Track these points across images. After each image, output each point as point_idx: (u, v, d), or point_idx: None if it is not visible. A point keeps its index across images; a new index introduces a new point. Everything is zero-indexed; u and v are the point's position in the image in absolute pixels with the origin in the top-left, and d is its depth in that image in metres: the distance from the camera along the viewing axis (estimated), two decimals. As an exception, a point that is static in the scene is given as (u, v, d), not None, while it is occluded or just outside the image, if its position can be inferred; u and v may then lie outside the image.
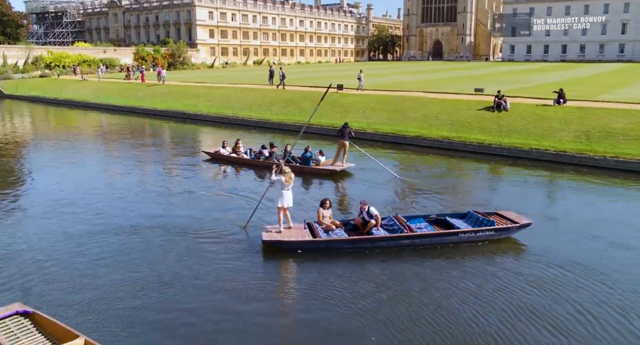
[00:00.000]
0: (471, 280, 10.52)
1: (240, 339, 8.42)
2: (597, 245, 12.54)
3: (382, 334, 8.48)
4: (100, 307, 9.31)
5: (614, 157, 21.10)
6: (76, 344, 7.56)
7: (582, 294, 9.89)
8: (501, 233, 12.93)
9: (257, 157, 21.68)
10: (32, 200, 16.45)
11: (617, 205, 16.60)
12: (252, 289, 10.11)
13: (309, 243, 12.14)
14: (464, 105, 29.11)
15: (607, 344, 8.22)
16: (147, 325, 8.82)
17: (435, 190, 17.91)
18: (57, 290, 9.98)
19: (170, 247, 12.23)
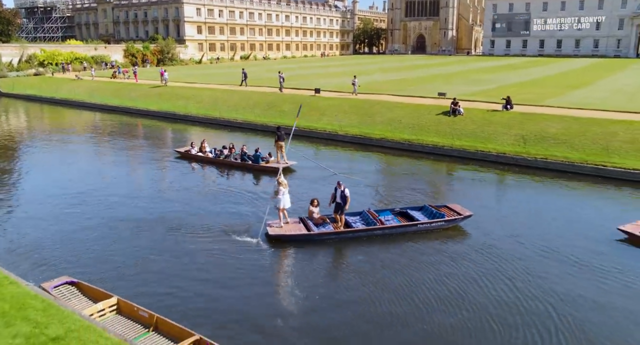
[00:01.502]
0: (428, 258, 14.47)
1: (252, 299, 12.08)
2: (522, 229, 16.57)
3: (360, 296, 12.35)
4: (125, 274, 12.91)
5: (543, 158, 24.92)
6: (110, 301, 11.17)
7: (508, 265, 13.93)
8: (450, 223, 16.75)
9: (218, 156, 25.82)
10: (48, 194, 19.91)
11: (542, 197, 20.48)
12: (264, 269, 13.97)
13: (305, 236, 15.72)
14: (425, 110, 32.75)
15: (519, 296, 12.14)
16: (169, 287, 12.41)
17: (376, 185, 21.65)
18: (90, 265, 13.54)
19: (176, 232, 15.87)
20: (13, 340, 8.75)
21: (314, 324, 11.22)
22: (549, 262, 14.10)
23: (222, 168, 25.01)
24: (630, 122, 26.74)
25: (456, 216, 16.89)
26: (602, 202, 20.00)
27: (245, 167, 24.67)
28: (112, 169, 25.58)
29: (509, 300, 12.02)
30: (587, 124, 27.26)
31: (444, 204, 18.02)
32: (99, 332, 9.29)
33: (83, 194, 20.40)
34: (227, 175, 24.07)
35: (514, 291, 12.43)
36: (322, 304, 12.04)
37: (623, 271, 13.54)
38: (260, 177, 23.55)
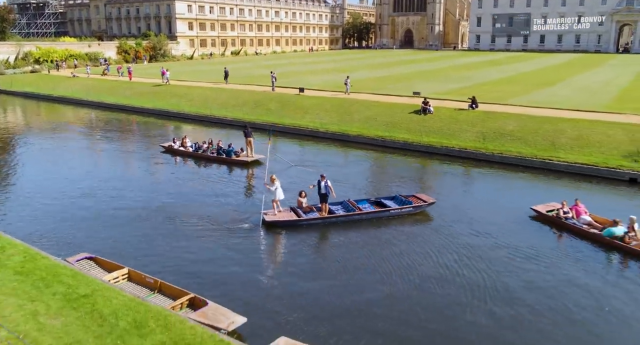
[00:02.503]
0: (401, 240, 17.48)
1: (249, 271, 15.04)
2: (472, 213, 19.73)
3: (337, 266, 15.39)
4: (132, 251, 15.83)
5: (500, 153, 27.97)
6: (123, 271, 14.10)
7: (454, 241, 17.10)
8: (417, 209, 19.84)
9: (197, 150, 29.13)
10: (54, 186, 22.74)
11: (493, 187, 23.71)
12: (267, 246, 16.95)
13: (296, 221, 18.64)
14: (399, 109, 35.73)
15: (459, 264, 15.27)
16: (176, 259, 15.33)
17: (341, 178, 24.63)
18: (102, 244, 16.44)
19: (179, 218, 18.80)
20: (53, 296, 11.66)
21: (295, 286, 14.21)
22: (485, 238, 17.24)
23: (200, 161, 28.37)
24: (577, 121, 29.89)
25: (422, 203, 19.99)
26: (541, 191, 23.02)
27: (220, 160, 28.03)
28: (106, 162, 28.98)
29: (451, 267, 15.11)
30: (540, 122, 30.36)
31: (412, 194, 21.08)
32: (117, 291, 12.24)
33: (84, 185, 23.38)
34: (206, 167, 27.34)
35: (456, 261, 15.52)
36: (305, 271, 15.16)
37: (527, 240, 16.95)
38: (233, 168, 26.95)
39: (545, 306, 13.02)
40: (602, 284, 14.33)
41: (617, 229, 16.32)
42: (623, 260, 15.91)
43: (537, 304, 13.11)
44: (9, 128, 40.60)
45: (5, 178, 25.62)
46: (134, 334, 10.24)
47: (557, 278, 14.60)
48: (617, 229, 16.34)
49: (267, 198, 19.27)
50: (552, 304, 13.12)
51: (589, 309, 12.97)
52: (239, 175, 25.88)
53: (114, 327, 10.46)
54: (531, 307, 12.96)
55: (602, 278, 14.73)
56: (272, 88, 45.64)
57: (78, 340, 9.84)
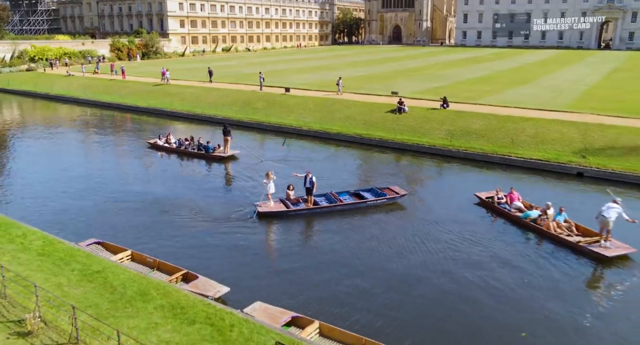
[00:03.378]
0: (374, 226, 20.34)
1: (241, 255, 17.75)
2: (435, 203, 22.74)
3: (320, 248, 18.24)
4: (135, 236, 18.49)
5: (464, 150, 30.79)
6: (127, 253, 16.79)
7: (418, 226, 20.04)
8: (390, 200, 22.62)
9: (180, 146, 32.07)
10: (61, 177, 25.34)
11: (455, 179, 26.60)
12: (256, 233, 19.69)
13: (285, 212, 21.31)
14: (377, 108, 38.46)
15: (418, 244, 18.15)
16: (176, 240, 18.00)
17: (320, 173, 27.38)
18: (107, 230, 19.10)
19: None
20: (72, 272, 14.32)
21: (279, 264, 17.14)
22: (437, 222, 20.14)
23: (182, 156, 31.39)
24: (537, 120, 32.74)
25: (395, 195, 22.80)
26: (495, 183, 25.64)
27: (199, 156, 30.98)
28: (100, 156, 32.49)
29: (411, 247, 18.03)
30: (504, 121, 33.20)
31: (387, 186, 23.88)
32: (123, 268, 14.93)
33: (81, 177, 26.39)
34: (189, 162, 30.42)
35: (417, 242, 18.40)
36: (290, 253, 18.00)
37: (468, 222, 20.04)
38: (212, 163, 29.90)
39: (474, 275, 15.88)
40: (518, 256, 17.47)
41: (533, 212, 19.57)
42: (537, 239, 19.02)
43: (466, 274, 15.98)
44: (10, 125, 42.98)
45: (12, 172, 28.14)
46: (139, 300, 12.94)
47: (484, 253, 17.67)
48: (532, 212, 19.59)
49: (258, 191, 22.13)
50: (480, 274, 15.99)
51: (507, 278, 15.84)
52: (223, 170, 28.96)
53: (123, 294, 13.16)
54: (461, 276, 15.85)
55: (519, 252, 17.91)
56: (260, 87, 48.07)
57: (96, 303, 12.53)
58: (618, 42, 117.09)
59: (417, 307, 14.42)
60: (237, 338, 11.22)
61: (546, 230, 18.67)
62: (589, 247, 17.36)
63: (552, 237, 18.55)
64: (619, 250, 17.00)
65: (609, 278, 16.58)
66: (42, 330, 11.01)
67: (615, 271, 16.71)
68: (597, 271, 16.83)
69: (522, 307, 14.30)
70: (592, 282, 16.46)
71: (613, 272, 16.68)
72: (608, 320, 13.81)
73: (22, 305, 12.02)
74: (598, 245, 17.24)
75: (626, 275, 16.45)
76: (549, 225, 18.60)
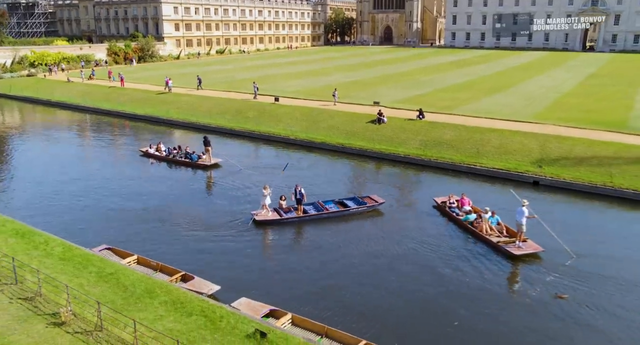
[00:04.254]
0: (357, 230, 23.66)
1: (239, 256, 20.84)
2: (408, 210, 25.86)
3: (309, 249, 21.49)
4: (140, 242, 21.54)
5: (435, 159, 33.94)
6: (133, 257, 19.88)
7: (391, 227, 23.21)
8: (370, 208, 25.78)
9: (169, 154, 35.52)
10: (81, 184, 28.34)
11: (425, 186, 29.80)
12: (249, 239, 22.71)
13: (279, 220, 24.35)
14: (359, 118, 41.54)
15: (386, 246, 21.26)
16: (179, 245, 21.07)
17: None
18: (115, 237, 22.13)
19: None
20: (90, 274, 17.38)
21: (269, 264, 20.30)
22: (406, 227, 23.42)
23: (171, 164, 34.79)
24: (502, 131, 35.90)
25: (374, 203, 25.98)
26: (460, 190, 28.73)
27: (186, 163, 34.27)
28: (97, 162, 35.94)
29: (379, 249, 21.27)
30: (472, 132, 36.35)
31: (367, 195, 27.02)
32: (131, 271, 18.01)
33: (82, 184, 29.65)
34: (179, 170, 33.83)
35: (385, 245, 21.67)
36: (281, 256, 21.27)
37: (426, 226, 22.94)
38: (197, 171, 33.40)
39: (418, 271, 19.15)
40: (454, 253, 21.13)
41: (471, 215, 23.11)
42: (473, 239, 22.44)
43: (413, 270, 19.24)
44: (16, 131, 45.91)
45: (18, 179, 31.12)
46: (146, 297, 16.02)
47: (430, 253, 21.17)
48: (471, 215, 23.12)
49: (242, 198, 25.33)
50: (421, 270, 19.31)
51: (446, 272, 19.06)
52: (208, 177, 32.35)
53: (133, 292, 16.23)
54: (411, 272, 19.08)
55: (455, 250, 21.49)
56: (255, 96, 50.96)
57: (112, 300, 15.60)
58: (601, 44, 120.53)
59: (376, 299, 17.60)
60: (225, 326, 14.33)
61: (479, 231, 22.14)
62: (505, 246, 20.90)
63: (482, 237, 22.00)
64: (528, 250, 20.59)
65: (515, 271, 20.03)
66: (73, 320, 14.10)
67: (523, 266, 20.18)
68: (508, 266, 20.24)
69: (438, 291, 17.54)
70: (501, 275, 19.71)
71: (521, 268, 20.12)
72: (504, 305, 17.08)
73: (54, 301, 15.11)
74: (513, 245, 20.79)
75: (530, 270, 19.88)
76: (482, 227, 21.95)
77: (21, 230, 21.03)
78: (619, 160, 30.30)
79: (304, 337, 14.42)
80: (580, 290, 18.03)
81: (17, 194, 28.73)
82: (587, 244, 21.74)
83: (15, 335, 13.48)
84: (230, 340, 13.73)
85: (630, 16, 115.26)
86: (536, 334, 15.57)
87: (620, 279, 18.79)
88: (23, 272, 16.56)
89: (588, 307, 16.98)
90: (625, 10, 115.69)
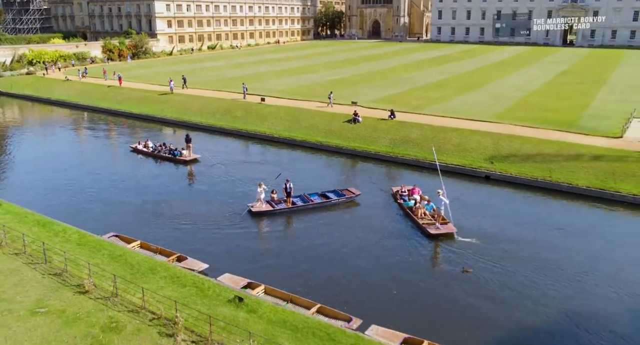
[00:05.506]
0: (338, 218, 27.97)
1: (238, 244, 25.04)
2: (378, 200, 30.05)
3: (297, 235, 25.97)
4: (143, 229, 25.65)
5: (402, 156, 38.16)
6: (137, 243, 24.04)
7: (360, 213, 27.68)
8: (349, 199, 30.11)
9: (154, 151, 39.96)
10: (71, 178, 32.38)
11: (391, 180, 34.05)
12: (249, 227, 26.89)
13: (272, 211, 28.55)
14: (337, 118, 45.64)
15: (356, 233, 25.41)
16: (179, 232, 25.20)
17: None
18: (120, 225, 26.21)
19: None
20: (103, 256, 21.52)
21: (258, 247, 24.45)
22: (369, 214, 27.66)
23: (157, 159, 39.37)
24: (462, 130, 40.13)
25: (352, 195, 30.31)
26: (421, 183, 32.95)
27: (170, 159, 38.85)
28: (96, 158, 40.52)
29: (351, 233, 25.50)
30: (436, 131, 40.57)
31: (346, 188, 31.31)
32: (135, 253, 22.19)
33: (81, 177, 33.53)
34: (166, 165, 38.25)
35: (352, 230, 25.88)
36: (275, 238, 25.80)
37: (385, 213, 27.13)
38: (179, 165, 38.05)
39: (365, 250, 23.44)
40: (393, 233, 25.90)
41: (410, 202, 27.65)
42: (411, 222, 27.04)
43: (365, 249, 23.51)
44: (21, 128, 49.83)
45: (27, 174, 35.12)
46: (149, 273, 20.18)
47: (375, 230, 25.75)
48: (409, 202, 27.68)
49: (235, 193, 29.85)
50: (365, 247, 23.57)
51: (382, 250, 23.37)
52: (190, 170, 37.14)
53: (138, 270, 20.39)
54: (364, 251, 23.36)
55: (395, 230, 26.41)
56: (244, 96, 54.84)
57: (123, 275, 19.70)
58: (580, 39, 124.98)
59: (330, 273, 21.89)
60: (211, 294, 18.55)
61: (414, 215, 26.87)
62: (427, 227, 25.66)
63: (415, 220, 26.74)
64: (441, 230, 25.46)
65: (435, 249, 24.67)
66: (94, 289, 18.30)
67: (441, 245, 24.84)
68: (429, 245, 24.92)
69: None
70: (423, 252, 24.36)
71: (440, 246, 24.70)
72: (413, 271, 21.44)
73: (78, 276, 19.28)
74: (433, 226, 25.68)
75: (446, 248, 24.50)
76: (418, 212, 26.58)
77: (42, 220, 25.14)
78: (559, 158, 34.61)
79: (272, 302, 18.68)
80: (484, 266, 22.45)
81: (25, 186, 32.75)
82: (505, 228, 26.48)
83: (51, 300, 17.66)
84: (215, 303, 17.96)
85: (608, 12, 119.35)
86: (450, 304, 19.87)
87: (523, 258, 23.17)
88: (50, 254, 20.70)
89: (491, 280, 21.33)
90: (603, 6, 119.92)
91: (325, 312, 18.43)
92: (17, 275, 19.35)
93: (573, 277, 21.60)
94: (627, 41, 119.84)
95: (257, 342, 15.37)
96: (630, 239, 25.50)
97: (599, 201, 30.48)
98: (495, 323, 18.54)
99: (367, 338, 16.40)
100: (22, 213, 26.01)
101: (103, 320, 16.55)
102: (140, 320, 16.66)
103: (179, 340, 15.51)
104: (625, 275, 21.70)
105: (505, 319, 18.80)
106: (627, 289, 20.59)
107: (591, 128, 40.43)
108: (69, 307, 17.25)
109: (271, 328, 16.56)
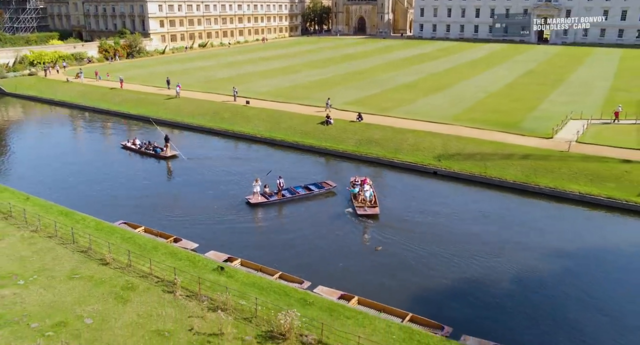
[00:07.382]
0: (317, 207, 34.62)
1: (235, 233, 31.35)
2: (344, 191, 36.23)
3: (287, 221, 32.13)
4: (148, 218, 31.87)
5: (365, 154, 44.46)
6: (142, 228, 30.33)
7: (337, 201, 33.90)
8: (327, 190, 36.58)
9: (141, 148, 46.34)
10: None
11: (355, 174, 40.28)
12: (247, 215, 33.16)
13: (266, 202, 34.73)
14: (312, 120, 51.83)
15: (331, 218, 31.80)
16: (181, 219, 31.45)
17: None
18: (126, 213, 32.41)
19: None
20: (116, 238, 27.77)
21: (262, 232, 30.72)
22: (335, 202, 33.94)
23: (143, 155, 45.80)
24: (418, 132, 46.47)
25: (330, 187, 36.81)
26: (378, 177, 39.21)
27: (153, 155, 45.36)
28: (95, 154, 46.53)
29: (327, 219, 31.84)
30: (397, 133, 46.89)
31: (324, 181, 37.76)
32: (142, 236, 28.50)
33: (83, 174, 39.40)
34: (149, 160, 44.90)
35: (322, 217, 32.18)
36: (269, 225, 32.10)
37: (344, 200, 33.57)
38: (160, 161, 44.44)
39: (325, 229, 29.81)
40: (338, 215, 31.89)
41: (354, 189, 34.06)
42: (352, 206, 33.51)
43: (322, 229, 29.89)
44: (29, 126, 55.82)
45: (36, 168, 41.13)
46: (153, 250, 26.47)
47: (327, 213, 31.92)
48: (354, 189, 34.10)
49: (245, 189, 35.95)
50: (323, 227, 29.92)
51: (325, 230, 29.77)
52: (171, 165, 43.63)
53: (145, 248, 26.68)
54: (327, 231, 29.74)
55: (341, 213, 32.74)
56: (234, 99, 60.80)
57: (133, 251, 25.96)
58: (554, 36, 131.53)
59: (296, 249, 28.27)
60: (200, 265, 24.93)
61: (354, 200, 33.58)
62: (357, 210, 32.55)
63: (353, 205, 33.40)
64: (368, 211, 32.35)
65: (362, 228, 31.37)
66: (113, 262, 24.64)
67: (367, 225, 31.57)
68: (358, 225, 31.66)
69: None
70: (352, 231, 31.05)
71: (366, 226, 30.75)
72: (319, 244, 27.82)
73: (100, 252, 25.59)
74: (361, 208, 32.54)
75: (371, 227, 30.89)
76: (359, 197, 33.28)
77: (64, 211, 31.40)
78: (495, 156, 41.04)
79: (246, 271, 25.10)
80: (395, 243, 28.94)
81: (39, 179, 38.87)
82: (429, 215, 32.84)
83: (82, 270, 23.99)
84: (203, 272, 24.33)
85: (579, 11, 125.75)
86: (369, 275, 26.31)
87: (434, 238, 29.51)
88: (77, 237, 26.98)
89: (398, 256, 27.70)
90: (575, 5, 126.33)
91: (285, 277, 24.85)
92: (53, 252, 25.65)
93: (472, 250, 28.00)
94: (597, 39, 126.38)
95: (233, 295, 21.76)
96: (536, 223, 32.01)
97: (522, 193, 36.99)
98: (393, 274, 25.11)
99: (312, 294, 22.84)
100: (48, 205, 32.23)
101: (122, 283, 22.91)
102: (149, 282, 23.03)
103: (177, 295, 21.90)
104: (519, 253, 28.19)
105: (403, 275, 25.36)
106: (511, 263, 27.09)
107: (530, 129, 46.85)
108: (96, 274, 23.60)
109: (244, 287, 22.96)
